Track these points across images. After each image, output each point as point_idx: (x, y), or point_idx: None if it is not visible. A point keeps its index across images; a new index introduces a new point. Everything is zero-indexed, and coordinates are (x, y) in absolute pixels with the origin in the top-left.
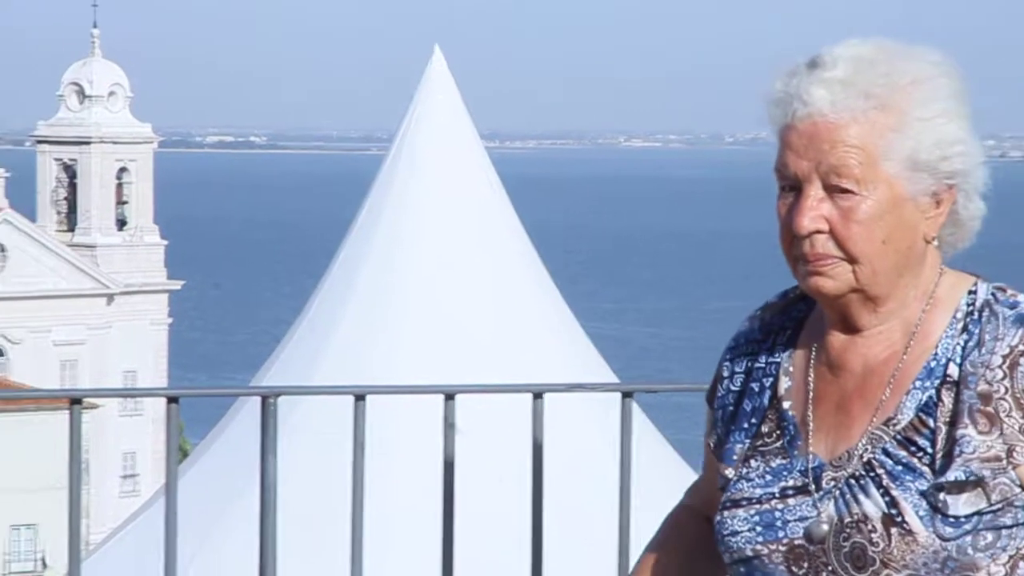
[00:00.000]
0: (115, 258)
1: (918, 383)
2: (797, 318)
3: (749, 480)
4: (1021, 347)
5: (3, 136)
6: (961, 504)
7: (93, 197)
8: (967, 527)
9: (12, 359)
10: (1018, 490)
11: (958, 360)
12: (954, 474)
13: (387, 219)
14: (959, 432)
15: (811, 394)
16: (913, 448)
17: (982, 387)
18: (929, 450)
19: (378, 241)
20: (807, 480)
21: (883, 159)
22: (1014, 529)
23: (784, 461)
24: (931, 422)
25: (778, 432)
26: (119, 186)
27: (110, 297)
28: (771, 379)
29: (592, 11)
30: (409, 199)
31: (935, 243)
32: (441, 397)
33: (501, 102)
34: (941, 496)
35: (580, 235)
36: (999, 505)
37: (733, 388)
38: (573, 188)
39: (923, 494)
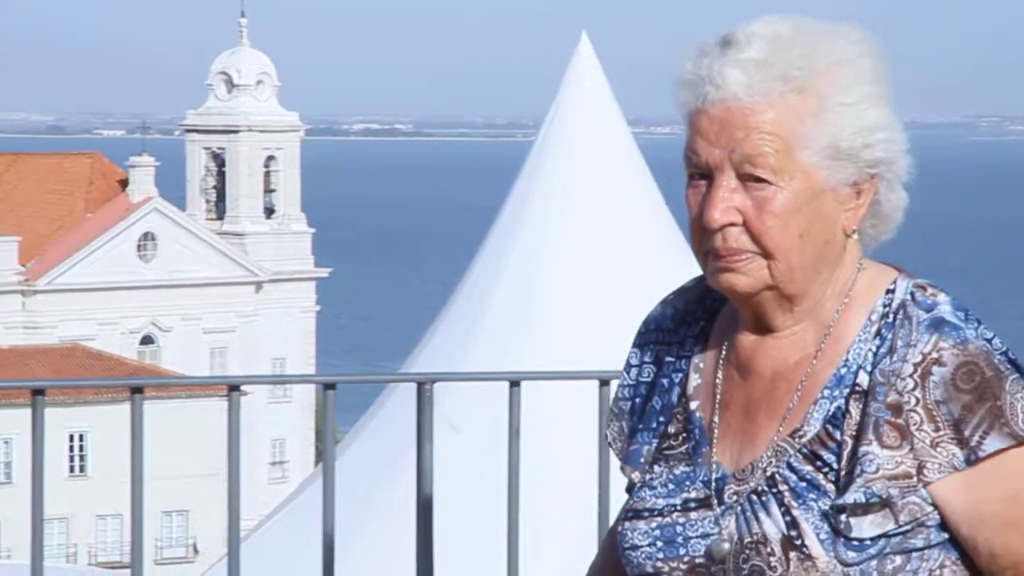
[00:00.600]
0: (263, 246)
1: (827, 392)
2: (711, 308)
3: (652, 488)
4: (935, 355)
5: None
6: (866, 526)
7: (241, 185)
8: (872, 551)
9: (163, 346)
10: (930, 509)
11: (869, 368)
12: (854, 495)
13: (535, 206)
14: (862, 448)
15: (718, 397)
16: (819, 463)
17: (892, 398)
18: (834, 466)
19: (526, 228)
20: (709, 493)
21: (801, 147)
22: (926, 551)
23: (688, 469)
24: (838, 435)
25: (684, 435)
26: (267, 174)
27: (258, 285)
28: (681, 375)
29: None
30: (557, 186)
31: (855, 236)
32: (596, 383)
33: (646, 87)
34: (843, 518)
35: None
36: (908, 526)
37: (643, 379)
38: None
39: (825, 515)
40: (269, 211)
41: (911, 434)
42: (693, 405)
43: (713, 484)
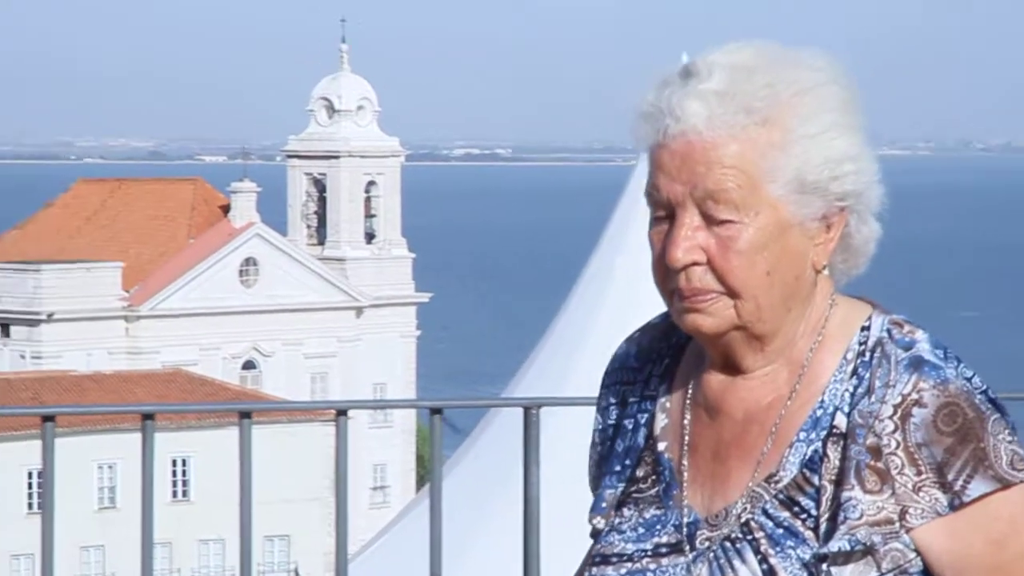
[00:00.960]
0: (364, 271)
1: (803, 435)
2: (677, 345)
3: (621, 532)
4: (914, 395)
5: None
6: (847, 575)
7: (342, 211)
8: None
9: (264, 372)
10: (912, 556)
11: (846, 409)
12: (838, 543)
13: (637, 229)
14: (845, 494)
15: (687, 438)
16: (796, 509)
17: (871, 440)
18: (813, 512)
19: (628, 251)
20: (681, 537)
21: (766, 181)
22: None
23: (659, 512)
24: (816, 480)
25: (654, 477)
26: (367, 199)
27: (359, 310)
28: (647, 415)
29: (835, 25)
30: None
31: (826, 271)
32: None
33: None
34: (824, 567)
35: None
36: (891, 574)
37: (609, 422)
38: None
39: (805, 564)
40: (370, 236)
41: (892, 478)
42: (661, 446)
43: (685, 529)
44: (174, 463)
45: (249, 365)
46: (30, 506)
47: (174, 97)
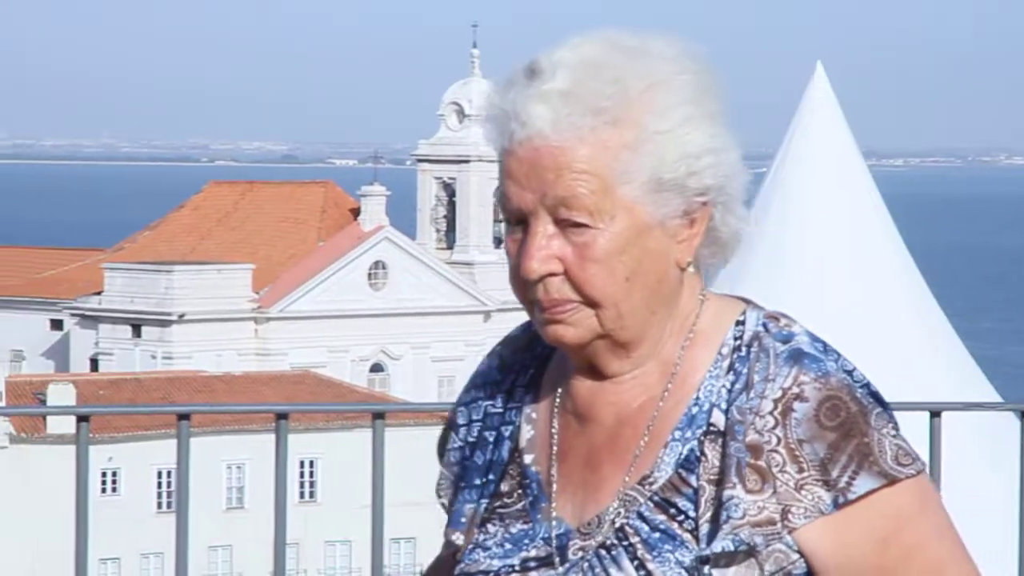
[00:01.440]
0: (492, 275)
1: (678, 434)
2: (542, 355)
3: (486, 549)
4: (795, 389)
5: (385, 155)
6: None
7: (471, 215)
8: None
9: (392, 375)
10: (796, 557)
11: (723, 406)
12: (721, 543)
13: (769, 239)
14: (726, 492)
15: (555, 448)
16: (673, 511)
17: (751, 437)
18: (691, 513)
19: (759, 261)
20: (551, 550)
21: (620, 184)
22: None
23: (526, 526)
24: (693, 480)
25: (520, 491)
26: (496, 204)
27: (487, 314)
28: (511, 428)
29: (979, 30)
30: (791, 218)
31: (691, 268)
32: None
33: (877, 119)
34: (706, 570)
35: (962, 255)
36: None
37: (470, 439)
38: (952, 207)
39: (685, 567)
40: (498, 240)
41: (773, 476)
42: (527, 459)
43: (554, 541)
44: (302, 464)
45: (377, 368)
46: (159, 505)
47: (308, 101)
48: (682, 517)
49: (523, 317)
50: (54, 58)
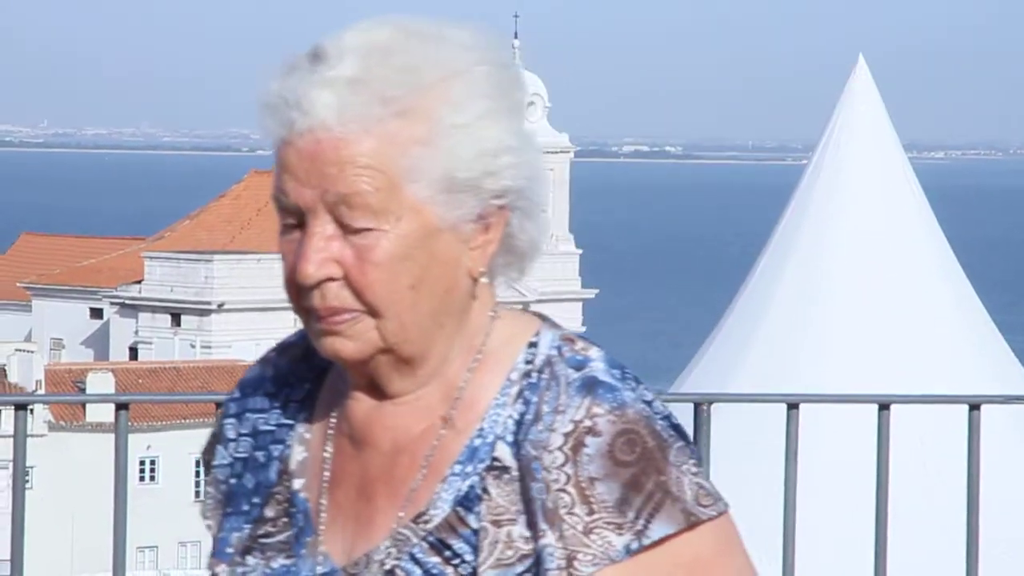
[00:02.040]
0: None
1: (458, 467)
2: (319, 368)
3: None
4: (587, 422)
5: None
6: None
7: None
8: None
9: None
10: None
11: (509, 438)
12: None
13: (809, 229)
14: (541, 542)
15: (326, 474)
16: (448, 553)
17: (540, 475)
18: (468, 557)
19: (799, 251)
20: None
21: (408, 181)
22: None
23: (288, 562)
24: (472, 520)
25: (285, 520)
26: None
27: (526, 305)
28: (281, 447)
29: (1014, 21)
30: (831, 210)
31: (485, 279)
32: (875, 407)
33: (918, 111)
34: None
35: (1003, 248)
36: None
37: (239, 455)
38: (994, 200)
39: None
40: None
41: (560, 519)
42: (296, 484)
43: None
44: None
45: None
46: (197, 494)
47: None
48: (458, 561)
49: (560, 308)
50: (95, 48)
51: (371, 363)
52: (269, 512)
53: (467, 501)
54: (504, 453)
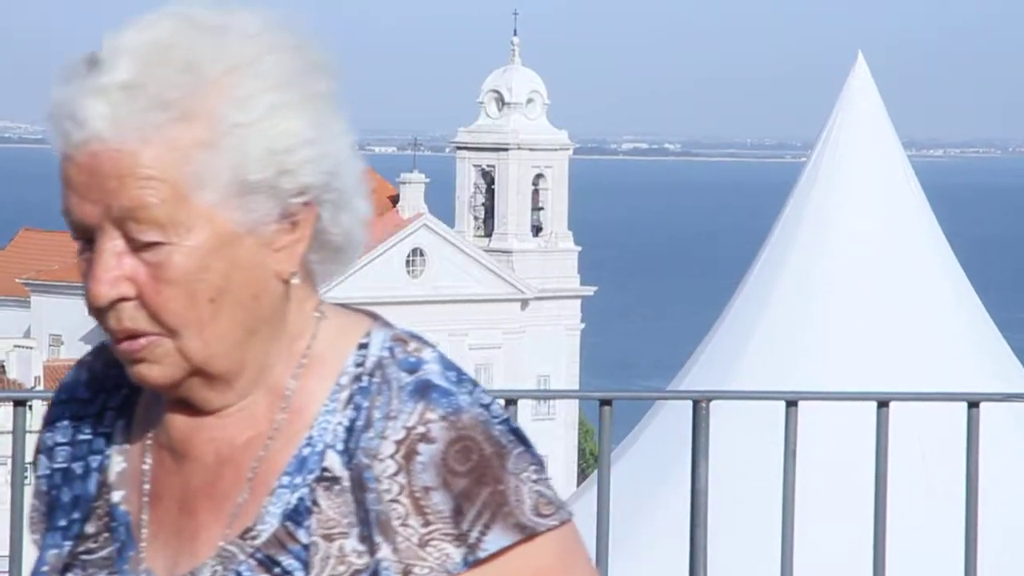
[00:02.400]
0: (530, 263)
1: (286, 479)
2: None
3: None
4: (420, 428)
5: (424, 143)
6: None
7: (510, 203)
8: None
9: None
10: None
11: (340, 447)
12: None
13: (808, 227)
14: (338, 546)
15: (146, 487)
16: (278, 571)
17: (373, 486)
18: (299, 574)
19: (798, 248)
20: None
21: (195, 189)
22: None
23: None
24: (302, 535)
25: (107, 535)
26: (535, 192)
27: (524, 302)
28: (100, 458)
29: (1014, 19)
30: (831, 206)
31: (297, 279)
32: (874, 405)
33: (917, 108)
34: None
35: (1001, 245)
36: None
37: (56, 465)
38: (992, 197)
39: None
40: (536, 229)
41: (394, 531)
42: (116, 496)
43: None
44: None
45: None
46: None
47: (348, 89)
48: None
49: (559, 306)
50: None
51: (183, 385)
52: (90, 528)
53: (296, 515)
54: (334, 463)
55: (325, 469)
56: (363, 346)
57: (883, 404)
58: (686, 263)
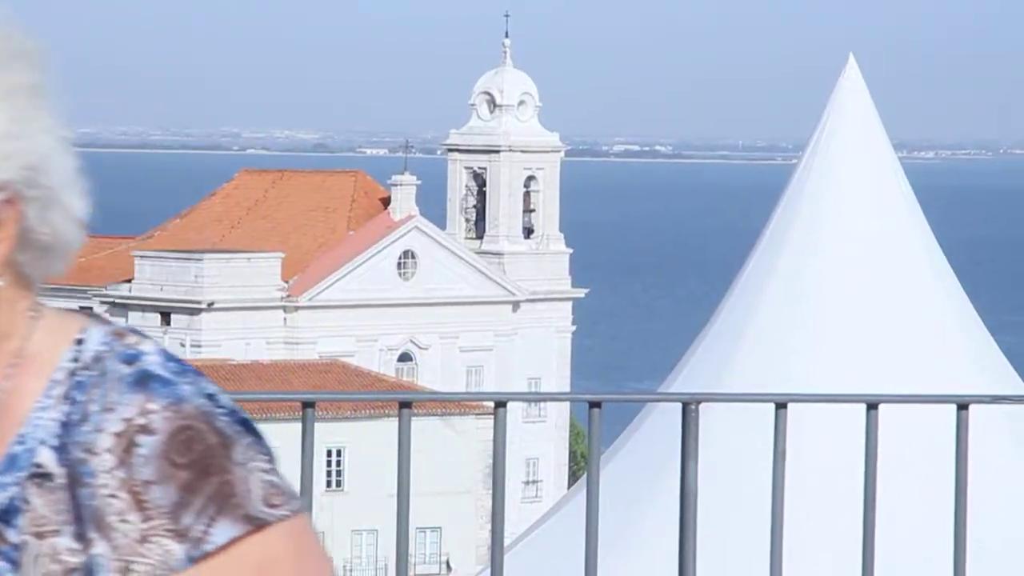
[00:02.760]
0: (521, 266)
1: None
2: None
3: None
4: (140, 420)
5: (416, 145)
6: None
7: (501, 205)
8: None
9: (420, 364)
10: None
11: (55, 442)
12: None
13: (799, 228)
14: (50, 543)
15: None
16: None
17: (89, 480)
18: (8, 575)
19: (789, 250)
20: None
21: None
22: None
23: None
24: (13, 535)
25: None
26: (526, 194)
27: (516, 304)
28: None
29: (1010, 21)
30: (822, 209)
31: (2, 281)
32: (863, 407)
33: (908, 110)
34: None
35: (992, 247)
36: None
37: None
38: (983, 199)
39: None
40: (528, 231)
41: (110, 527)
42: None
43: None
44: (329, 453)
45: (405, 357)
46: None
47: (339, 90)
48: None
49: (550, 307)
50: (83, 46)
51: None
52: None
53: (6, 514)
54: (47, 458)
55: (37, 465)
56: (80, 342)
57: (872, 406)
58: (678, 265)
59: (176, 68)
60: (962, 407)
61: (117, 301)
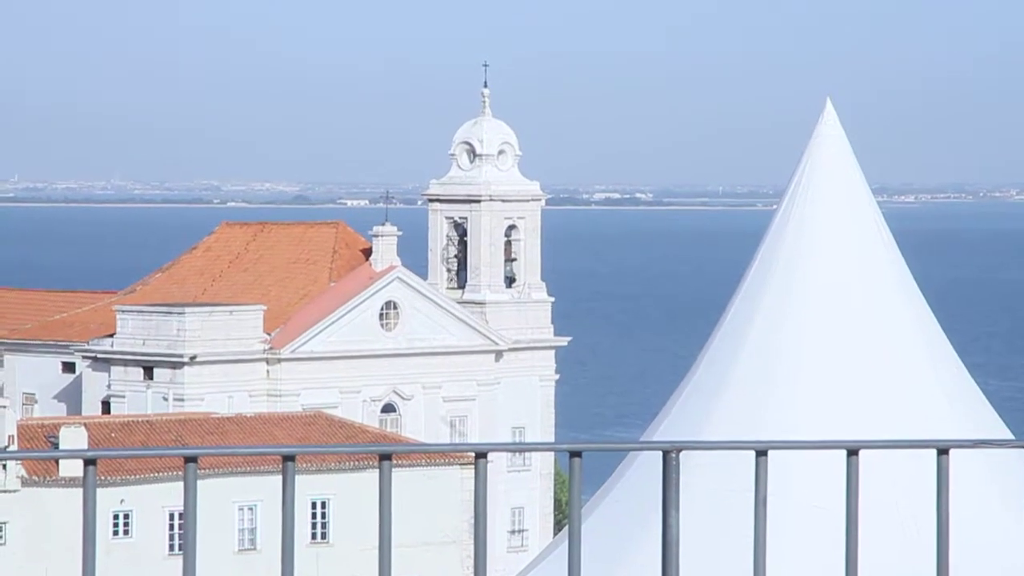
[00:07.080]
0: (504, 315)
1: None
2: None
3: None
4: None
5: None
6: None
7: (482, 254)
8: None
9: (404, 414)
10: None
11: None
12: None
13: (778, 275)
14: None
15: None
16: None
17: None
18: None
19: (769, 297)
20: None
21: None
22: None
23: None
24: None
25: None
26: (508, 243)
27: (499, 353)
28: None
29: (989, 67)
30: (801, 256)
31: None
32: (843, 453)
33: (887, 155)
34: None
35: (972, 290)
36: None
37: None
38: (963, 243)
39: None
40: (510, 280)
41: None
42: None
43: None
44: (313, 505)
45: (389, 408)
46: (171, 547)
47: (320, 142)
48: None
49: (533, 356)
50: (65, 101)
51: None
52: None
53: None
54: None
55: None
56: None
57: (853, 452)
58: (659, 312)
59: (156, 122)
60: (942, 452)
61: (100, 356)
